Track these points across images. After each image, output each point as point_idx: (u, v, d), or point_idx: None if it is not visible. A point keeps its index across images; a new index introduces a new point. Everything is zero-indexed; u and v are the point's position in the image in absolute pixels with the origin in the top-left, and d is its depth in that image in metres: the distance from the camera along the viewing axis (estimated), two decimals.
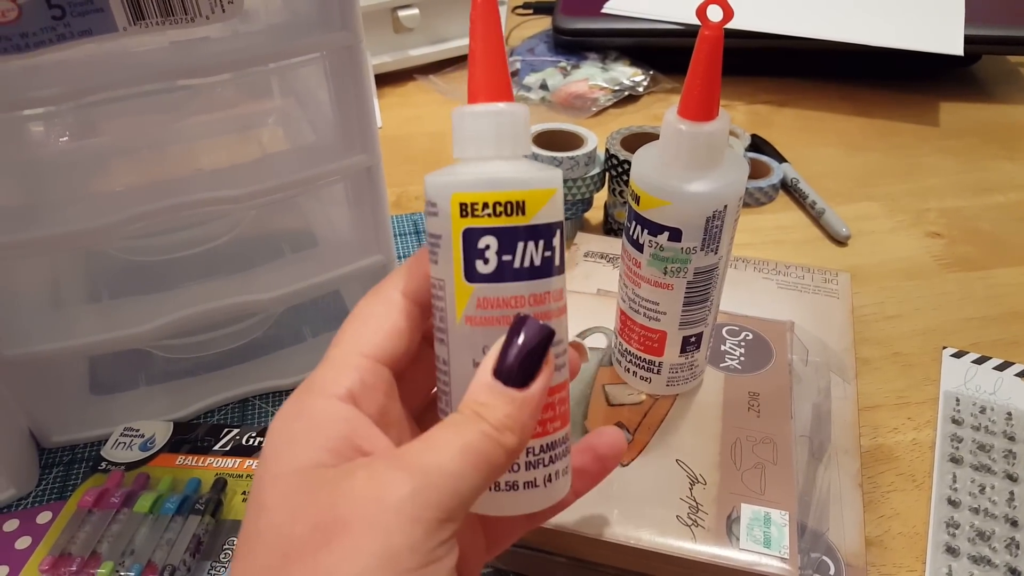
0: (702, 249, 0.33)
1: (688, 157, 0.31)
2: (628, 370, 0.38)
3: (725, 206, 0.32)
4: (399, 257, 0.57)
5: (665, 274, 0.33)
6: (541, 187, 0.23)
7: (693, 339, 0.36)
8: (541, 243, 0.24)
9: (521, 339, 0.23)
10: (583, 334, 0.42)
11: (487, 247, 0.23)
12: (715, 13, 0.29)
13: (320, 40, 0.36)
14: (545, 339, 0.23)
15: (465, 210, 0.23)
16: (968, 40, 0.71)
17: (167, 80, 0.33)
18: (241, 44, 0.35)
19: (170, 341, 0.41)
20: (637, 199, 0.33)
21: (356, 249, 0.44)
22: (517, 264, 0.24)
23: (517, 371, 0.23)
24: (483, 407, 0.22)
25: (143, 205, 0.35)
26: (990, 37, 0.73)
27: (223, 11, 0.33)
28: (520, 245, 0.24)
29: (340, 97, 0.39)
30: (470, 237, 0.24)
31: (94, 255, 0.42)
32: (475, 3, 0.23)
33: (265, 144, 0.40)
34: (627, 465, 0.35)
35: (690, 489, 0.34)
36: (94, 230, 0.34)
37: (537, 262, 0.24)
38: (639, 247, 0.34)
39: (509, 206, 0.23)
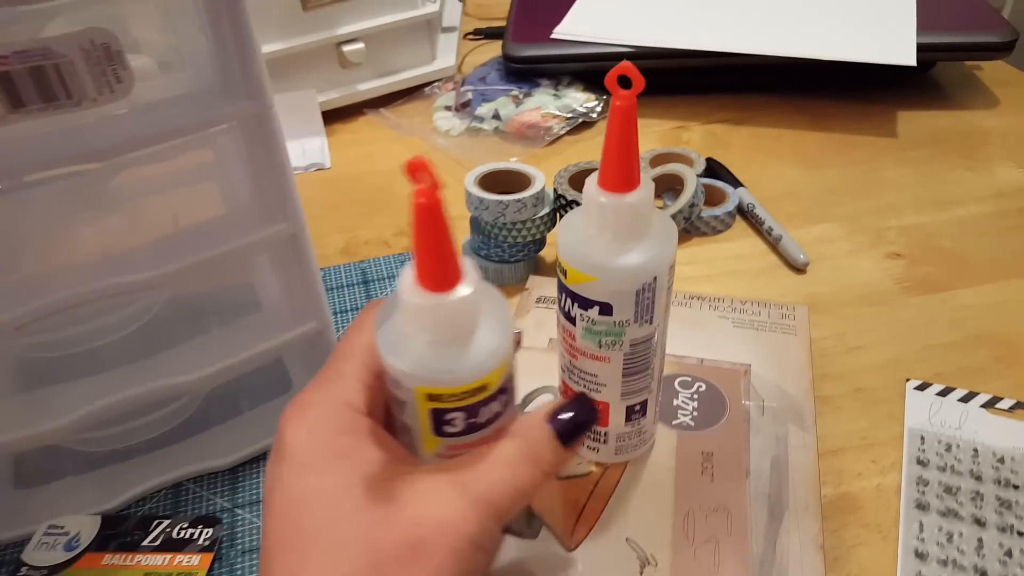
0: (635, 322, 0.31)
1: (613, 229, 0.29)
2: None
3: (655, 277, 0.30)
4: (348, 311, 0.55)
5: (600, 347, 0.32)
6: (499, 363, 0.25)
7: (637, 407, 0.34)
8: (502, 396, 0.26)
9: (580, 414, 0.27)
10: (529, 397, 0.40)
11: (454, 418, 0.25)
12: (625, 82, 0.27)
13: (224, 112, 0.34)
14: (594, 419, 0.28)
15: (432, 398, 0.25)
16: (921, 48, 0.70)
17: (57, 168, 0.31)
18: (138, 123, 0.33)
19: (90, 434, 0.38)
20: (564, 272, 0.31)
21: (289, 318, 0.42)
22: (483, 420, 0.26)
23: (569, 435, 0.27)
24: (542, 455, 0.26)
25: (42, 297, 0.33)
26: (943, 44, 0.72)
27: (111, 91, 0.31)
28: (483, 409, 0.26)
29: (255, 165, 0.37)
30: (438, 414, 0.25)
31: (7, 347, 0.39)
32: (418, 205, 0.23)
33: (180, 216, 0.38)
34: (574, 550, 0.33)
35: (640, 572, 0.32)
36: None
37: (499, 410, 0.26)
38: (571, 320, 0.32)
39: (474, 391, 0.25)
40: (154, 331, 0.40)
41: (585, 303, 0.30)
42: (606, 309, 0.30)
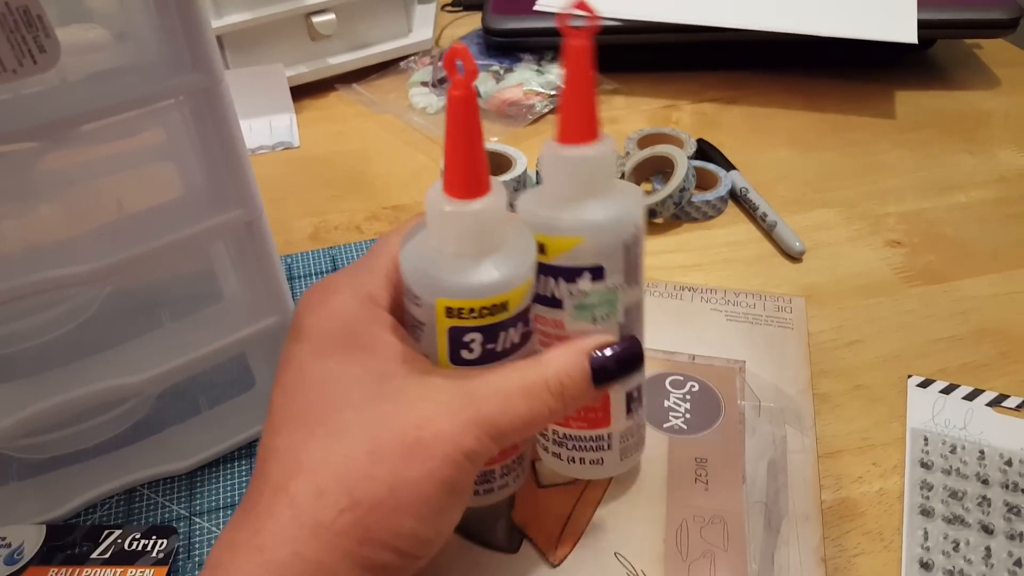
0: (627, 283, 0.28)
1: (588, 184, 0.26)
2: (573, 460, 0.32)
3: (636, 226, 0.27)
4: None
5: (596, 322, 0.28)
6: (523, 281, 0.25)
7: (635, 393, 0.31)
8: (520, 324, 0.26)
9: (625, 351, 0.27)
10: None
11: (472, 340, 0.26)
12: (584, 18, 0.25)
13: (168, 86, 0.30)
14: (639, 362, 0.28)
15: (451, 313, 0.25)
16: (921, 25, 0.67)
17: None
18: (70, 98, 0.29)
19: (30, 440, 0.35)
20: (542, 249, 0.27)
21: (249, 311, 0.39)
22: (500, 348, 0.26)
23: (606, 374, 0.27)
24: (567, 389, 0.26)
25: None
26: (944, 21, 0.69)
27: (34, 62, 0.27)
28: (502, 334, 0.26)
29: (205, 146, 0.33)
30: (456, 334, 0.25)
31: None
32: (452, 97, 0.23)
33: (122, 202, 0.34)
34: (558, 566, 0.30)
35: None
36: None
37: (516, 340, 0.27)
38: (557, 304, 0.28)
39: (494, 307, 0.25)
40: (99, 327, 0.36)
41: (573, 273, 0.27)
42: (597, 273, 0.27)
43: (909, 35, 0.65)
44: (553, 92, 0.70)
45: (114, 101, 0.30)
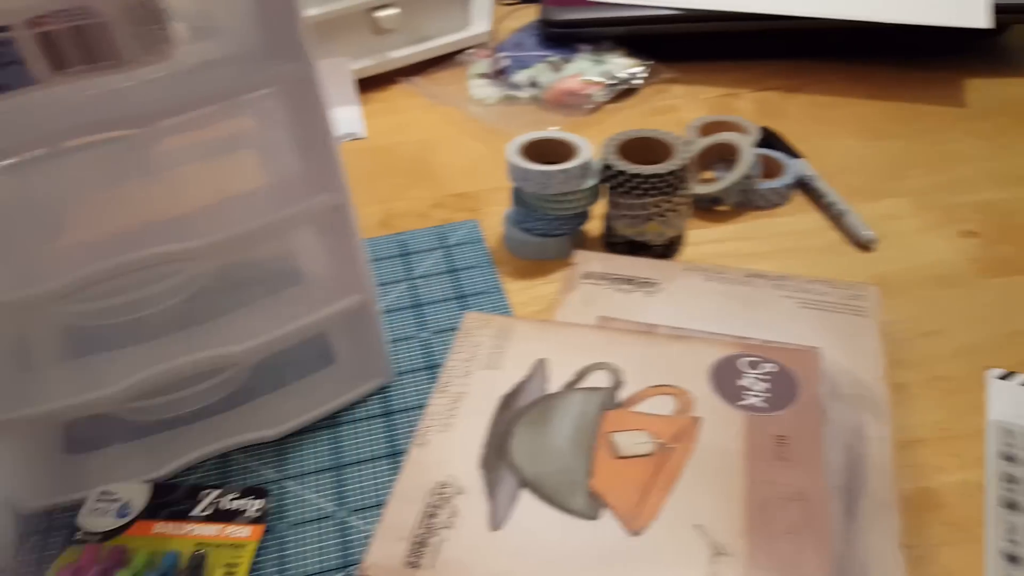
0: None
1: None
2: None
3: None
4: (387, 284, 0.52)
5: None
6: None
7: None
8: None
9: None
10: (583, 373, 0.37)
11: None
12: None
13: (268, 75, 0.31)
14: None
15: None
16: (997, 10, 0.65)
17: (98, 132, 0.29)
18: (179, 87, 0.30)
19: (141, 403, 0.37)
20: None
21: (333, 289, 0.40)
22: None
23: None
24: None
25: (96, 264, 0.32)
26: (1018, 5, 0.67)
27: (154, 53, 0.28)
28: None
29: (299, 131, 0.34)
30: None
31: (56, 315, 0.38)
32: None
33: (225, 184, 0.36)
34: (638, 534, 0.30)
35: (713, 562, 0.29)
36: (44, 294, 0.31)
37: None
38: None
39: None
40: (201, 301, 0.39)
41: None
42: None
43: (981, 19, 0.64)
44: (612, 82, 0.70)
45: (218, 90, 0.31)
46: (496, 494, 0.33)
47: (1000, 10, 0.65)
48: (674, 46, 0.73)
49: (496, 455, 0.34)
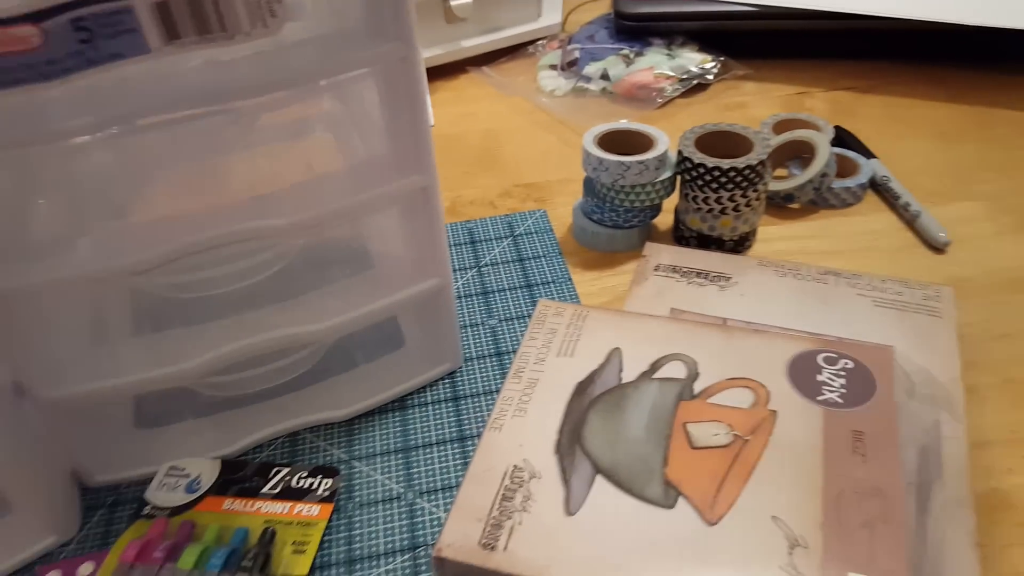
0: None
1: None
2: None
3: None
4: (456, 271, 0.54)
5: None
6: None
7: None
8: None
9: None
10: (657, 363, 0.38)
11: None
12: None
13: (371, 53, 0.33)
14: None
15: None
16: None
17: (206, 105, 0.30)
18: (285, 61, 0.32)
19: (216, 378, 0.38)
20: None
21: (411, 273, 0.41)
22: None
23: None
24: None
25: (187, 237, 0.33)
26: None
27: (265, 26, 0.30)
28: None
29: (393, 112, 0.36)
30: None
31: (137, 287, 0.40)
32: None
33: (314, 158, 0.37)
34: (715, 524, 0.31)
35: (790, 554, 0.30)
36: (134, 265, 0.32)
37: None
38: None
39: None
40: (282, 280, 0.39)
41: None
42: None
43: None
44: (684, 76, 0.70)
45: (323, 66, 0.32)
46: (571, 479, 0.33)
47: None
48: (747, 42, 0.73)
49: (571, 441, 0.35)
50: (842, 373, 0.37)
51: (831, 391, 0.36)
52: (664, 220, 0.57)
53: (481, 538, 0.31)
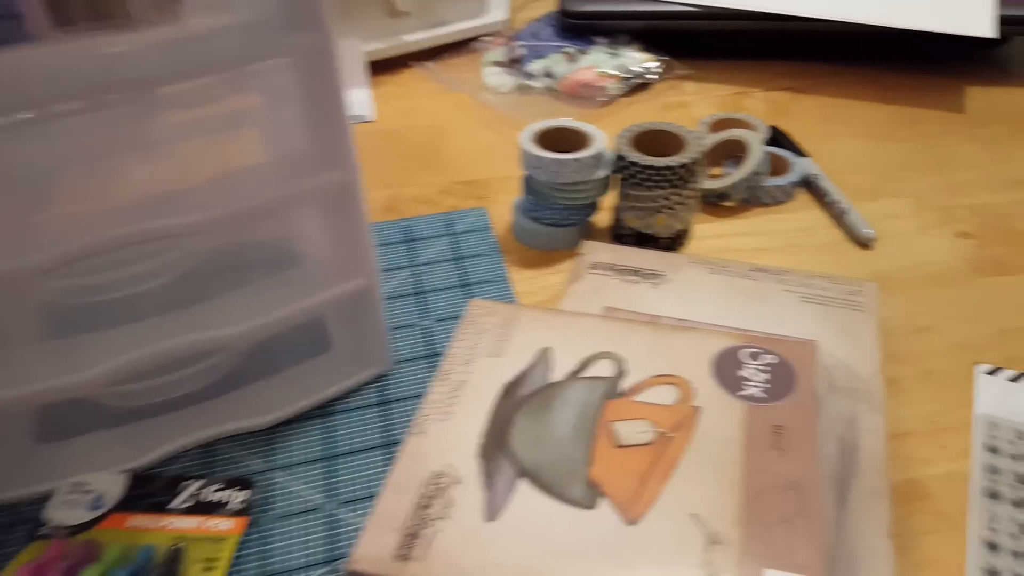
0: None
1: None
2: None
3: None
4: (390, 270, 0.53)
5: None
6: None
7: None
8: None
9: None
10: (586, 362, 0.39)
11: None
12: None
13: (285, 43, 0.32)
14: None
15: None
16: (1000, 21, 0.66)
17: (98, 96, 0.29)
18: (190, 51, 0.30)
19: (124, 387, 0.37)
20: None
21: (334, 273, 0.40)
22: None
23: None
24: None
25: (89, 236, 0.31)
26: (1022, 17, 0.68)
27: (165, 12, 0.29)
28: None
29: (311, 106, 0.35)
30: None
31: (37, 291, 0.38)
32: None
33: (229, 160, 0.36)
34: (635, 523, 0.32)
35: (707, 551, 0.31)
36: (33, 266, 0.30)
37: None
38: None
39: None
40: (193, 281, 0.38)
41: None
42: None
43: (986, 29, 0.65)
44: (627, 76, 0.71)
45: (231, 57, 0.31)
46: (493, 484, 0.33)
47: (1004, 21, 0.66)
48: (689, 43, 0.74)
49: (495, 444, 0.35)
50: (765, 368, 0.38)
51: (754, 386, 0.37)
52: (603, 218, 0.57)
53: (397, 549, 0.31)
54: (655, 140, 0.52)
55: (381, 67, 0.76)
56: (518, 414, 0.36)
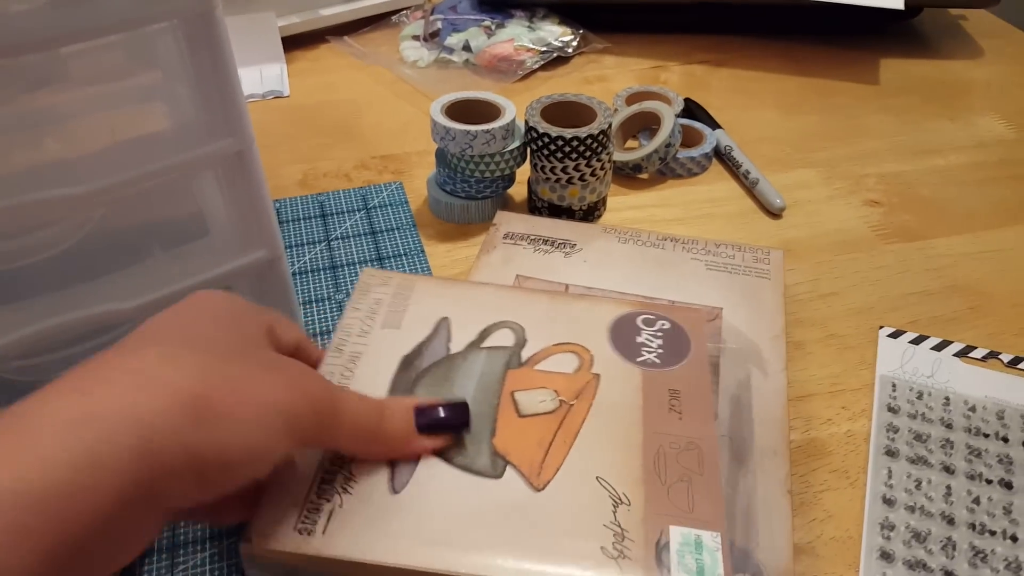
0: None
1: None
2: None
3: None
4: (304, 245, 0.52)
5: None
6: None
7: None
8: None
9: (454, 411, 0.33)
10: (486, 332, 0.38)
11: None
12: None
13: (162, 7, 0.31)
14: (462, 425, 0.33)
15: None
16: None
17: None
18: (59, 14, 0.29)
19: (21, 363, 0.35)
20: None
21: (236, 245, 0.39)
22: None
23: (430, 424, 0.32)
24: (391, 413, 0.32)
25: None
26: None
27: None
28: None
29: (198, 73, 0.34)
30: None
31: None
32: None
33: (116, 130, 0.35)
34: (542, 490, 0.31)
35: (614, 512, 0.30)
36: None
37: None
38: None
39: None
40: (92, 255, 0.37)
41: None
42: None
43: (896, 2, 0.66)
44: (544, 49, 0.70)
45: (112, 19, 0.30)
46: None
47: None
48: (606, 16, 0.74)
49: None
50: (659, 335, 0.37)
51: (649, 352, 0.37)
52: (519, 191, 0.57)
53: (296, 523, 0.30)
54: (566, 112, 0.52)
55: (297, 42, 0.74)
56: (419, 387, 0.35)
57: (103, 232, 0.37)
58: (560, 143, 0.48)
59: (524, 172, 0.58)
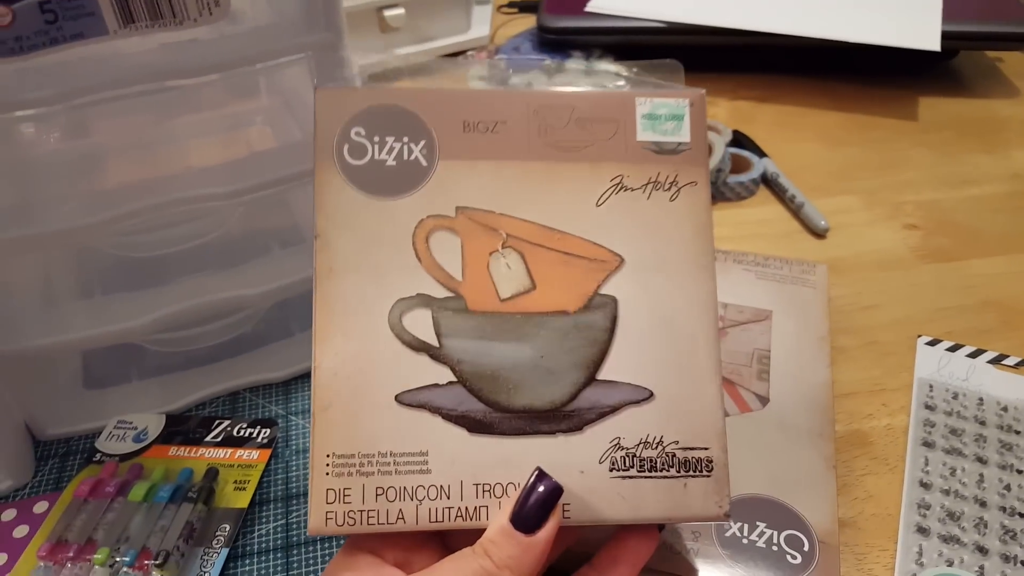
0: None
1: None
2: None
3: None
4: None
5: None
6: None
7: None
8: None
9: (537, 491, 0.28)
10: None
11: None
12: None
13: (304, 41, 0.37)
14: (556, 494, 0.28)
15: None
16: (945, 36, 0.72)
17: (156, 81, 0.34)
18: (227, 46, 0.36)
19: (162, 335, 0.42)
20: None
21: None
22: None
23: (531, 518, 0.28)
24: (492, 545, 0.27)
25: (133, 203, 0.36)
26: (967, 33, 0.74)
27: (210, 13, 0.34)
28: None
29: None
30: None
31: (86, 252, 0.43)
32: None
33: (252, 143, 0.41)
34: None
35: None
36: (86, 227, 0.35)
37: None
38: None
39: None
40: (225, 249, 0.43)
41: None
42: None
43: (933, 43, 0.71)
44: (600, 88, 0.76)
45: (259, 51, 0.36)
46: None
47: (950, 37, 0.72)
48: (659, 56, 0.80)
49: None
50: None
51: None
52: None
53: None
54: None
55: (374, 81, 0.81)
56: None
57: (236, 231, 0.43)
58: None
59: None
